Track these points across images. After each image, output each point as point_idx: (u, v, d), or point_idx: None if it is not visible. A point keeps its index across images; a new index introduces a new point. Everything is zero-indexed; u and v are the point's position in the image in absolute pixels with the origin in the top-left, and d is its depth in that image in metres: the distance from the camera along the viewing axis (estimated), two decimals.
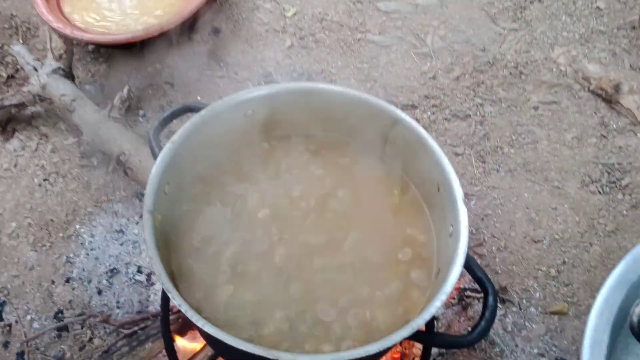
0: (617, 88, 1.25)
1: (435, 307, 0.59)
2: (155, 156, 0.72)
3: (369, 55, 1.38)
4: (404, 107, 1.26)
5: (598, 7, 1.44)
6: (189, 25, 1.36)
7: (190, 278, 0.71)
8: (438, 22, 1.44)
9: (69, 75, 1.22)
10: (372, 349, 0.57)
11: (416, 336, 0.61)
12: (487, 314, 0.63)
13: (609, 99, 1.26)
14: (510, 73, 1.33)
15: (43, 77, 1.19)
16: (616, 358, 0.74)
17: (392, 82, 1.33)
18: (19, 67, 1.33)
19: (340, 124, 0.83)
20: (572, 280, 1.02)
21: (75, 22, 1.31)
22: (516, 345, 0.95)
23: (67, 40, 1.25)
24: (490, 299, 0.64)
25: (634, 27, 1.38)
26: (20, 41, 1.39)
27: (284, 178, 0.79)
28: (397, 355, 0.92)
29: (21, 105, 1.22)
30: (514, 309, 0.99)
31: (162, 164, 0.69)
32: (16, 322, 0.98)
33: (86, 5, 1.35)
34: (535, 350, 0.94)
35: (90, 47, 1.38)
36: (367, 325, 0.66)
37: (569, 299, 1.00)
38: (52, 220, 1.11)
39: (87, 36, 1.26)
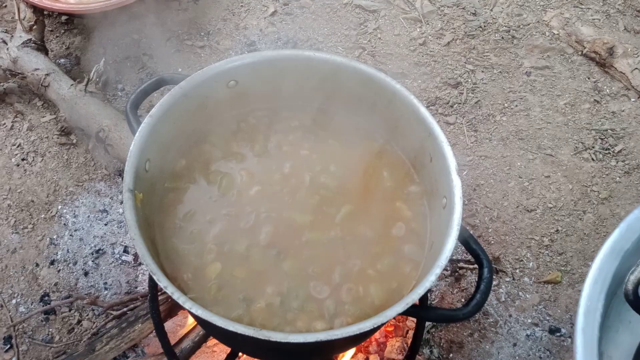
0: (611, 51, 1.22)
1: (430, 281, 0.57)
2: (133, 132, 0.69)
3: (357, 21, 1.33)
4: (393, 76, 1.22)
5: None
6: None
7: (177, 258, 0.69)
8: None
9: (41, 48, 1.16)
10: (366, 325, 0.56)
11: (410, 311, 0.59)
12: (482, 286, 0.62)
13: (602, 62, 1.23)
14: (502, 37, 1.29)
15: (13, 50, 1.12)
16: (609, 325, 0.73)
17: (380, 49, 1.28)
18: None
19: (328, 94, 0.79)
20: (566, 249, 1.02)
21: None
22: (510, 316, 0.95)
23: (37, 10, 1.18)
24: (486, 271, 0.63)
25: None
26: None
27: (271, 153, 0.76)
28: (390, 329, 0.91)
29: None
30: (508, 279, 0.99)
31: (141, 139, 0.65)
32: (1, 306, 0.96)
33: None
34: (529, 320, 0.94)
35: (64, 18, 1.31)
36: (360, 301, 0.64)
37: (562, 268, 1.00)
38: (32, 201, 1.07)
39: (57, 5, 1.19)
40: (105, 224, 1.04)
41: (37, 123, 1.17)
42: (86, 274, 0.99)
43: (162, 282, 0.56)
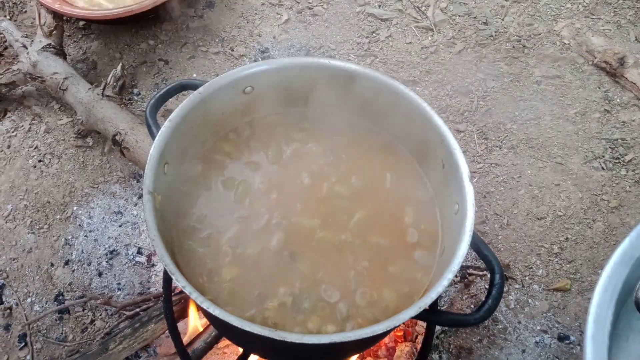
0: (621, 61, 1.23)
1: (442, 286, 0.58)
2: (153, 135, 0.70)
3: (369, 29, 1.34)
4: (405, 83, 1.23)
5: None
6: None
7: (192, 259, 0.70)
8: None
9: (60, 52, 1.19)
10: (379, 328, 0.56)
11: (422, 315, 0.60)
12: (494, 291, 0.62)
13: (613, 72, 1.24)
14: (513, 47, 1.30)
15: (33, 54, 1.15)
16: (619, 334, 0.74)
17: (392, 57, 1.30)
18: (7, 44, 1.29)
19: (341, 100, 0.81)
20: (575, 257, 1.02)
21: None
22: (519, 322, 0.95)
23: (57, 15, 1.20)
24: (497, 277, 0.63)
25: None
26: (8, 17, 1.35)
27: (287, 158, 0.77)
28: (399, 334, 0.92)
29: (12, 85, 1.19)
30: (517, 286, 0.99)
31: (161, 143, 0.67)
32: (16, 305, 0.97)
33: None
34: (538, 327, 0.94)
35: (81, 23, 1.34)
36: (373, 305, 0.65)
37: (571, 276, 1.00)
38: (48, 202, 1.09)
39: (76, 11, 1.22)
40: (120, 226, 1.06)
41: (54, 125, 1.20)
42: (100, 274, 1.01)
43: (181, 282, 0.57)
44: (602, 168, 1.13)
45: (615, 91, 1.23)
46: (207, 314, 0.68)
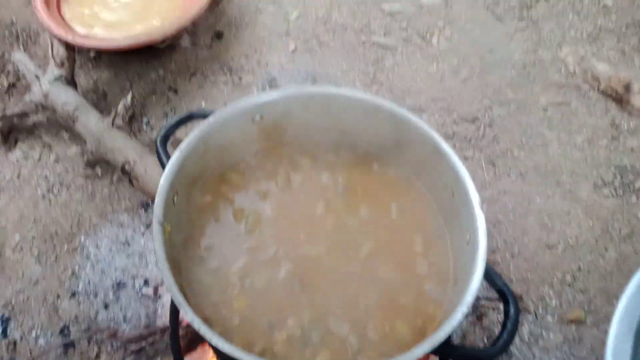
0: (627, 87, 1.23)
1: (457, 320, 0.57)
2: (163, 165, 0.70)
3: (374, 57, 1.36)
4: (411, 110, 1.24)
5: (605, 5, 1.42)
6: (192, 30, 1.34)
7: (200, 290, 0.69)
8: (443, 22, 1.42)
9: (71, 82, 1.21)
10: None
11: (436, 349, 0.59)
12: (509, 324, 0.61)
13: (619, 99, 1.24)
14: (518, 74, 1.31)
15: (45, 85, 1.17)
16: None
17: (398, 84, 1.31)
18: (20, 75, 1.31)
19: (350, 129, 0.81)
20: (588, 287, 1.00)
21: (76, 28, 1.29)
22: (533, 356, 0.93)
23: (69, 47, 1.23)
24: (512, 309, 0.62)
25: None
26: (21, 49, 1.38)
27: (296, 187, 0.77)
28: None
29: (23, 115, 1.20)
30: (530, 317, 0.97)
31: (171, 173, 0.67)
32: (21, 338, 0.96)
33: (87, 11, 1.34)
34: None
35: (92, 54, 1.36)
36: (386, 339, 0.64)
37: (585, 307, 0.98)
38: (56, 233, 1.09)
39: (89, 42, 1.24)
40: (127, 256, 1.05)
41: (63, 155, 1.20)
42: (106, 306, 1.00)
43: (189, 316, 0.56)
44: (612, 195, 1.12)
45: (622, 117, 1.23)
46: (214, 349, 0.66)
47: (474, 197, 0.68)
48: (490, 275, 0.67)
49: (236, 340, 0.63)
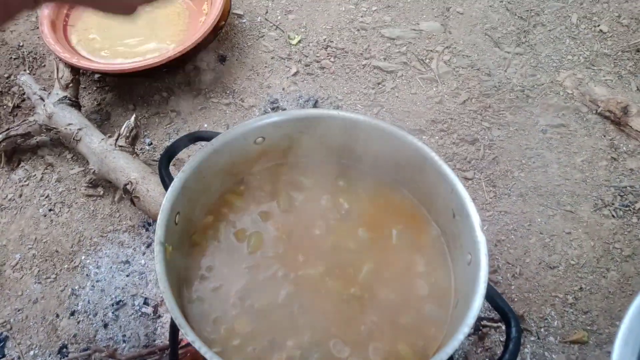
0: (625, 110, 1.25)
1: (458, 340, 0.57)
2: (165, 185, 0.71)
3: (375, 80, 1.38)
4: (411, 132, 1.25)
5: (601, 30, 1.44)
6: (195, 54, 1.36)
7: (200, 311, 0.69)
8: (442, 47, 1.44)
9: (75, 104, 1.22)
10: None
11: None
12: (510, 346, 0.61)
13: (617, 121, 1.25)
14: (517, 97, 1.33)
15: (50, 106, 1.18)
16: None
17: (398, 107, 1.32)
18: (25, 97, 1.33)
19: (351, 151, 0.82)
20: (591, 308, 0.99)
21: (82, 52, 1.32)
22: None
23: (74, 69, 1.25)
24: (514, 330, 0.62)
25: (638, 50, 1.39)
26: (27, 71, 1.40)
27: (297, 208, 0.77)
28: None
29: (27, 135, 1.22)
30: (532, 338, 0.96)
31: (173, 194, 0.68)
32: (19, 358, 0.95)
33: (93, 35, 1.36)
34: None
35: (97, 76, 1.39)
36: None
37: (588, 327, 0.97)
38: (57, 252, 1.09)
39: (94, 66, 1.26)
40: (127, 275, 1.05)
41: (65, 175, 1.21)
42: (105, 325, 0.99)
43: (190, 337, 0.56)
44: (613, 216, 1.12)
45: (620, 139, 1.24)
46: None
47: (475, 218, 0.69)
48: (491, 296, 0.67)
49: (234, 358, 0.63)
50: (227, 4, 1.40)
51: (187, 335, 0.56)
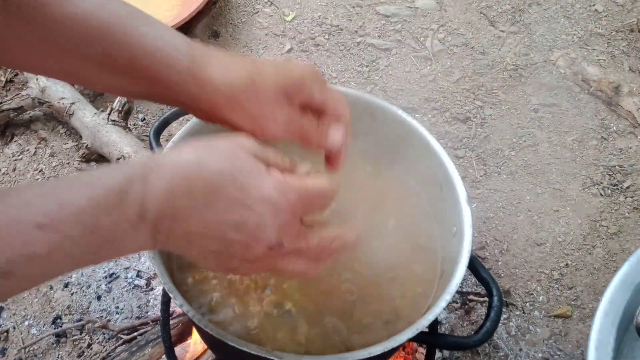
0: (616, 90, 1.25)
1: (440, 307, 0.58)
2: None
3: (369, 58, 1.38)
4: (404, 110, 1.25)
5: (596, 10, 1.44)
6: (188, 29, 1.35)
7: (193, 294, 0.70)
8: (437, 25, 1.44)
9: None
10: (376, 350, 0.56)
11: (420, 338, 0.60)
12: (492, 314, 0.62)
13: (608, 101, 1.26)
14: (510, 76, 1.33)
15: (42, 80, 1.18)
16: None
17: (392, 85, 1.32)
18: (17, 71, 1.32)
19: None
20: (576, 283, 1.01)
21: None
22: (520, 350, 0.94)
23: None
24: (495, 299, 0.63)
25: (632, 30, 1.39)
26: None
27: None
28: None
29: (20, 110, 1.22)
30: (518, 312, 0.98)
31: None
32: (14, 328, 0.97)
33: None
34: (540, 355, 0.93)
35: None
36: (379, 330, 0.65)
37: (572, 302, 0.99)
38: None
39: None
40: None
41: (59, 149, 1.22)
42: (99, 297, 1.01)
43: (179, 301, 0.57)
44: (601, 194, 1.13)
45: (611, 119, 1.25)
46: (203, 335, 0.67)
47: (461, 191, 0.70)
48: (475, 267, 0.68)
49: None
50: None
51: (176, 299, 0.57)
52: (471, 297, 1.00)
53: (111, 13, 0.46)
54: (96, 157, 1.17)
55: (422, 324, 0.58)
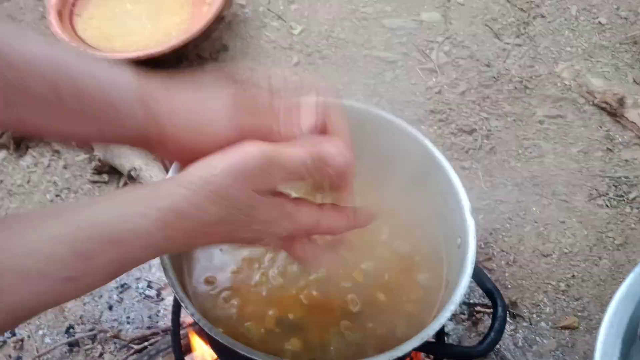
0: (621, 102, 1.26)
1: (444, 317, 0.59)
2: (166, 169, 0.74)
3: (375, 71, 1.40)
4: (410, 122, 1.27)
5: (600, 23, 1.46)
6: (198, 43, 1.39)
7: (203, 302, 0.71)
8: (442, 38, 1.46)
9: None
10: (382, 359, 0.57)
11: (426, 347, 0.61)
12: (496, 324, 0.63)
13: (613, 112, 1.27)
14: (515, 87, 1.35)
15: None
16: None
17: (398, 97, 1.34)
18: None
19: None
20: (582, 295, 1.02)
21: (88, 41, 1.34)
22: None
23: None
24: (500, 309, 0.64)
25: (635, 42, 1.40)
26: None
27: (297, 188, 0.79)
28: None
29: None
30: (525, 323, 0.99)
31: (174, 173, 0.70)
32: (28, 337, 0.99)
33: (99, 23, 1.39)
34: None
35: None
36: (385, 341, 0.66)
37: (579, 313, 1.00)
38: None
39: (99, 54, 1.29)
40: None
41: (71, 161, 1.24)
42: (110, 307, 1.02)
43: (190, 309, 0.59)
44: (607, 206, 1.14)
45: (616, 130, 1.25)
46: (213, 344, 0.69)
47: (465, 203, 0.71)
48: (480, 278, 0.69)
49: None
50: None
51: (186, 308, 0.58)
52: (478, 308, 1.00)
53: (60, 54, 0.45)
54: (108, 169, 1.20)
55: (428, 334, 0.59)
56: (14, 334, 1.00)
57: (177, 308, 0.85)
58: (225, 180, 0.44)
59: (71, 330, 1.00)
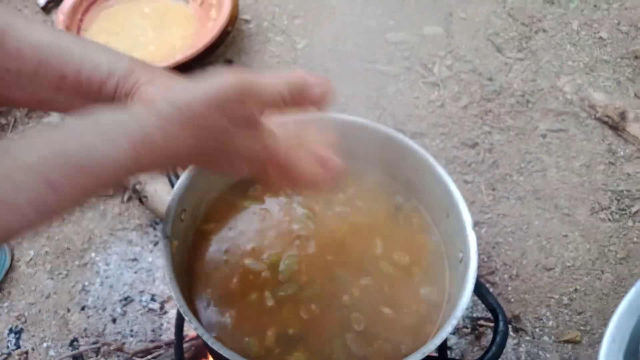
0: (623, 116, 1.27)
1: (446, 331, 0.60)
2: (172, 184, 0.75)
3: (378, 84, 1.41)
4: (412, 135, 1.28)
5: (601, 37, 1.47)
6: (203, 58, 1.41)
7: (206, 308, 0.72)
8: (445, 52, 1.47)
9: None
10: None
11: None
12: (498, 338, 0.63)
13: (615, 126, 1.27)
14: (517, 101, 1.36)
15: None
16: None
17: (400, 110, 1.35)
18: None
19: (350, 153, 0.85)
20: (585, 308, 1.02)
21: None
22: None
23: None
24: (501, 324, 0.65)
25: (636, 57, 1.41)
26: None
27: (295, 207, 0.80)
28: None
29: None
30: (527, 337, 0.98)
31: (179, 191, 0.71)
32: (33, 349, 0.99)
33: (106, 38, 1.41)
34: None
35: None
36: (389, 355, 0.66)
37: (582, 327, 0.99)
38: (68, 249, 1.13)
39: None
40: (135, 272, 1.09)
41: None
42: (114, 320, 1.03)
43: (193, 323, 0.59)
44: (609, 219, 1.14)
45: (618, 144, 1.26)
46: (216, 358, 0.69)
47: (467, 218, 0.72)
48: (482, 293, 0.70)
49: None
50: (235, 9, 1.45)
51: (190, 322, 0.59)
52: (481, 322, 1.00)
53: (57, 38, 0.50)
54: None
55: (429, 348, 0.59)
56: (18, 347, 1.00)
57: (180, 321, 0.85)
58: (201, 109, 0.44)
59: (75, 343, 1.00)
